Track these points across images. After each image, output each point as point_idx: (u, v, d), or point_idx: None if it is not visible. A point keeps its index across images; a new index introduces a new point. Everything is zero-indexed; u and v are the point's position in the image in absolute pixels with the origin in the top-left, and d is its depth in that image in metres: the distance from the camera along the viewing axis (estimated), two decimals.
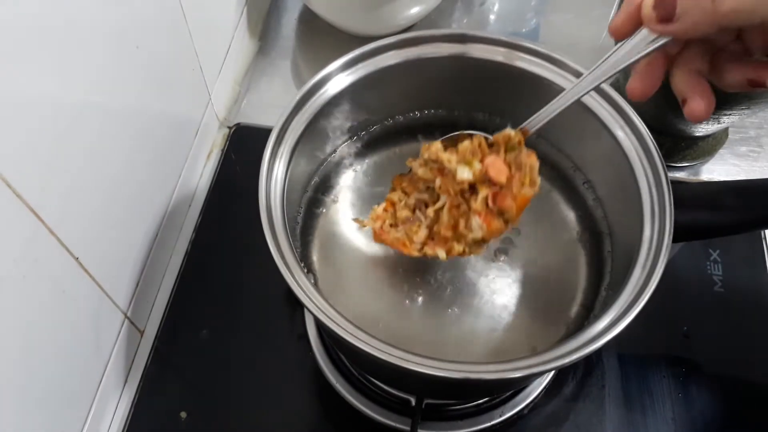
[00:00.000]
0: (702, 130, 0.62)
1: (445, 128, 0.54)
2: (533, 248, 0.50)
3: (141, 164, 0.53)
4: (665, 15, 0.33)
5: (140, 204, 0.54)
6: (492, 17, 0.80)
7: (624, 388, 0.54)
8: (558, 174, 0.53)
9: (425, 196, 0.46)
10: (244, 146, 0.68)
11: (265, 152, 0.44)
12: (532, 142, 0.53)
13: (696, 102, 0.36)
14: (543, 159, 0.53)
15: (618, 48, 0.37)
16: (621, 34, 0.36)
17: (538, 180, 0.42)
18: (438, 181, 0.44)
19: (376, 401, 0.53)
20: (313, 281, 0.42)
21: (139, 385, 0.54)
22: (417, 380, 0.45)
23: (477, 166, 0.42)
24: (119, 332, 0.53)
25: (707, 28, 0.33)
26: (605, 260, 0.49)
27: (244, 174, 0.66)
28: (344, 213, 0.51)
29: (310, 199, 0.51)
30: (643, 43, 0.36)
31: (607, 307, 0.40)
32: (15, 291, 0.38)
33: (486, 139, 0.43)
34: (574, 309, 0.47)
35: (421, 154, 0.45)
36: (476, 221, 0.42)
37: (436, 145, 0.44)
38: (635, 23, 0.36)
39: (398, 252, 0.46)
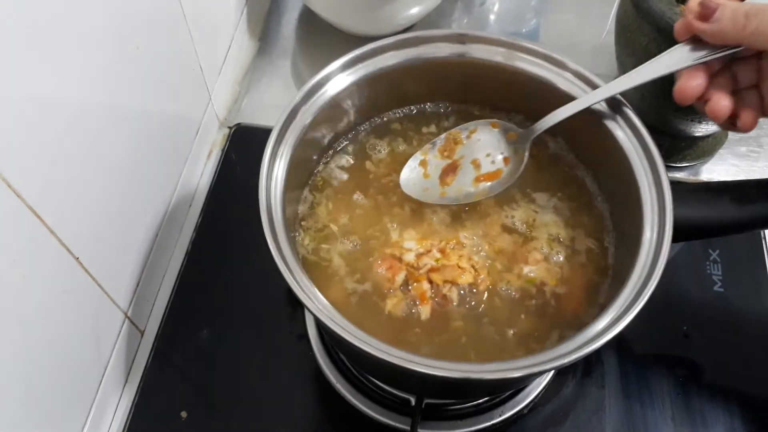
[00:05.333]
0: (702, 130, 0.62)
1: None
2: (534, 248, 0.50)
3: (141, 164, 0.53)
4: (705, 14, 0.39)
5: (141, 204, 0.54)
6: (492, 17, 0.80)
7: (624, 388, 0.54)
8: (560, 172, 0.53)
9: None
10: (244, 146, 0.68)
11: (265, 152, 0.45)
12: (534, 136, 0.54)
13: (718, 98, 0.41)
14: (546, 156, 0.53)
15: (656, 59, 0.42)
16: (679, 36, 0.43)
17: None
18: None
19: (376, 401, 0.53)
20: (312, 280, 0.42)
21: (139, 384, 0.54)
22: (417, 380, 0.45)
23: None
24: (119, 332, 0.53)
25: (731, 40, 0.39)
26: (606, 260, 0.49)
27: (244, 174, 0.66)
28: (344, 212, 0.51)
29: (311, 199, 0.52)
30: (685, 54, 0.42)
31: (607, 306, 0.41)
32: (15, 291, 0.38)
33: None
34: (575, 309, 0.47)
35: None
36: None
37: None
38: (689, 30, 0.42)
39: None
